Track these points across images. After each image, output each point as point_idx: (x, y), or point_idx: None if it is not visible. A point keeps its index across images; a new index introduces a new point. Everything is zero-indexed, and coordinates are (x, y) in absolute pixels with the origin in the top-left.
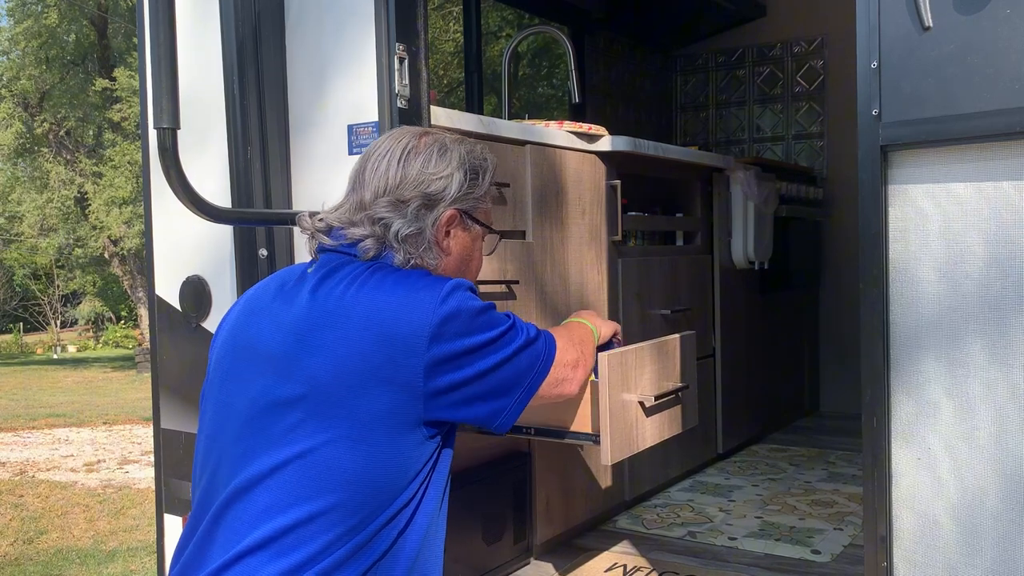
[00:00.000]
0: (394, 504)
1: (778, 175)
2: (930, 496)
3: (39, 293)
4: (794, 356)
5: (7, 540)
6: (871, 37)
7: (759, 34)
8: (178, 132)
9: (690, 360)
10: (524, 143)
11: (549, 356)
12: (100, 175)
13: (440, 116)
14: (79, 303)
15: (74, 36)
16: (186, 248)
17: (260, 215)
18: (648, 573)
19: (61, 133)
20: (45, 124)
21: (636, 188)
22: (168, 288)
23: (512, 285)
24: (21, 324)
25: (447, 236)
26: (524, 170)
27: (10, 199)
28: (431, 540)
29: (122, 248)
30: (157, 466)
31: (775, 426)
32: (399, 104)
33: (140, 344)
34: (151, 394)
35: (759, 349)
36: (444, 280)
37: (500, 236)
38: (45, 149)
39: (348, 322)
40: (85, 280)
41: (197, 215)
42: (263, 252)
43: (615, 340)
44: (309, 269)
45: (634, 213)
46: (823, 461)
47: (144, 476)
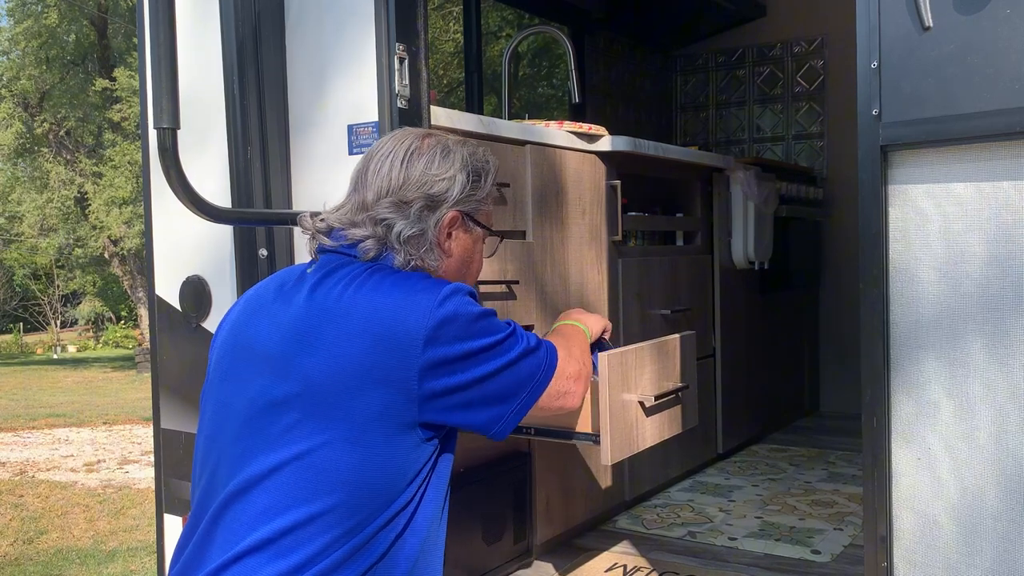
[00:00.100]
0: (392, 506)
1: (778, 175)
2: (930, 496)
3: (39, 293)
4: (794, 356)
5: (7, 540)
6: (871, 37)
7: (759, 34)
8: (178, 132)
9: (690, 360)
10: (524, 143)
11: (551, 366)
12: (100, 175)
13: (440, 116)
14: (79, 303)
15: (74, 36)
16: (186, 248)
17: (260, 215)
18: (648, 573)
19: (61, 133)
20: (45, 124)
21: (636, 188)
22: (168, 288)
23: (512, 285)
24: (21, 324)
25: (448, 238)
26: (524, 170)
27: (10, 199)
28: (431, 544)
29: (122, 248)
30: (157, 466)
31: (775, 426)
32: (399, 104)
33: (140, 344)
34: (151, 394)
35: (759, 349)
36: (443, 283)
37: (501, 238)
38: (45, 149)
39: (345, 322)
40: (85, 280)
41: (197, 215)
42: (263, 252)
43: (605, 336)
44: (309, 269)
45: (634, 213)
46: (823, 461)
47: (144, 476)
